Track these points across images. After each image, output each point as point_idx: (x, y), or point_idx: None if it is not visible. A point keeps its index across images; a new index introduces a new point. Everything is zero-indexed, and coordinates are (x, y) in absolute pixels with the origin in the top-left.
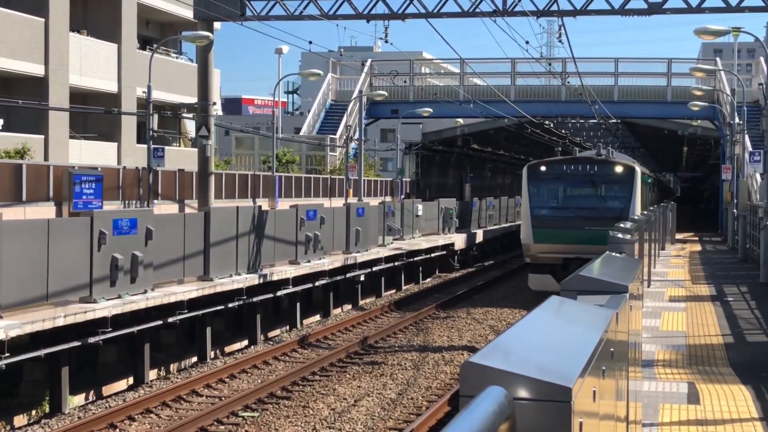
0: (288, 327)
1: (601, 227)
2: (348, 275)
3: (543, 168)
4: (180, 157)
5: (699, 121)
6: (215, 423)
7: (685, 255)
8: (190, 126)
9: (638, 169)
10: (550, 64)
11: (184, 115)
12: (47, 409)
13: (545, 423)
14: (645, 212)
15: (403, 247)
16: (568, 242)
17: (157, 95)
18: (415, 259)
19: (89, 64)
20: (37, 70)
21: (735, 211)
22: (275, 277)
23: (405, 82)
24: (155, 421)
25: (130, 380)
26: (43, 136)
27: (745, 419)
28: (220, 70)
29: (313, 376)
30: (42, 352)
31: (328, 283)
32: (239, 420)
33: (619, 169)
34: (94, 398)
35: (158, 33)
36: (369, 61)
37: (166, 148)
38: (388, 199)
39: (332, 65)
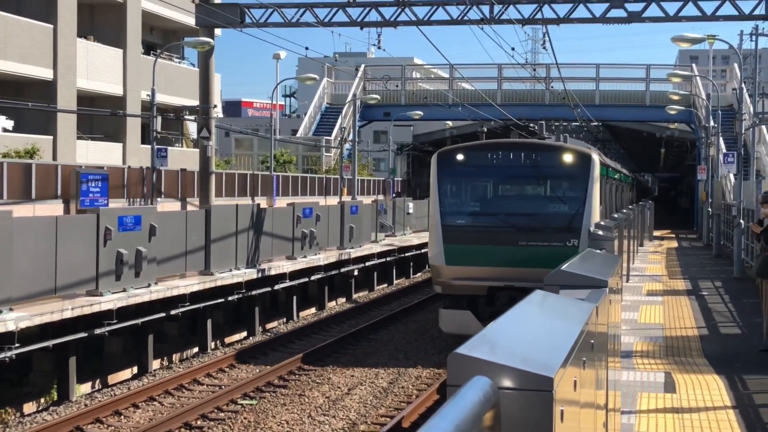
0: (285, 319)
1: (542, 243)
2: (342, 270)
3: (459, 156)
4: (182, 157)
5: (676, 124)
6: (215, 410)
7: (662, 251)
8: (191, 127)
9: (596, 158)
10: (534, 70)
11: (186, 117)
12: (55, 397)
13: (528, 411)
14: (609, 218)
15: (395, 243)
16: (495, 264)
17: (161, 98)
18: (406, 254)
19: (96, 68)
20: (46, 74)
21: (710, 209)
22: (273, 272)
23: (397, 86)
24: (158, 408)
25: (135, 370)
26: (51, 137)
27: (719, 407)
28: (220, 74)
29: (309, 366)
30: (50, 343)
31: (324, 278)
32: (238, 407)
33: (568, 158)
34: (100, 387)
35: (161, 39)
36: (363, 66)
37: (169, 148)
38: (381, 197)
39: (327, 70)
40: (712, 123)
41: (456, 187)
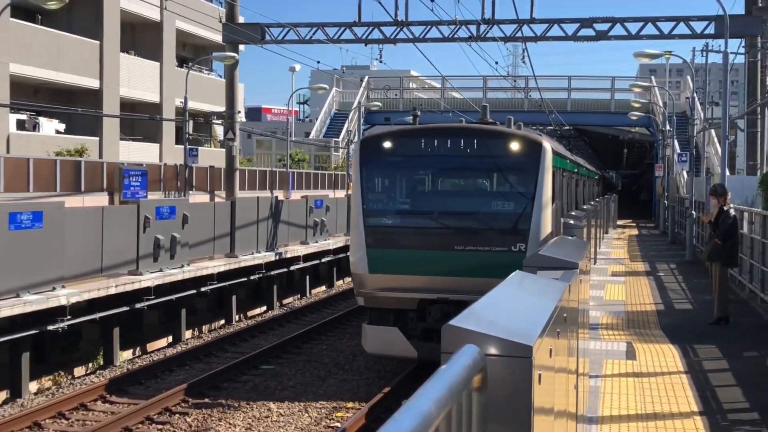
0: (299, 296)
1: (483, 247)
2: (349, 253)
3: (387, 144)
4: (210, 156)
5: (637, 128)
6: (240, 374)
7: (624, 238)
8: (219, 130)
9: (548, 146)
10: (515, 81)
11: (214, 121)
12: (101, 362)
13: (511, 375)
14: (567, 216)
15: None
16: (427, 272)
17: (192, 105)
18: None
19: (136, 78)
20: (93, 83)
21: (666, 202)
22: (289, 255)
23: (396, 95)
24: (190, 372)
25: (170, 339)
26: (98, 138)
27: (673, 372)
28: (243, 84)
29: (320, 336)
30: (97, 316)
31: (333, 260)
32: (260, 372)
33: (515, 146)
34: (140, 353)
35: (193, 53)
36: (366, 77)
37: (199, 148)
38: None
39: (336, 81)
40: (668, 127)
41: (382, 180)
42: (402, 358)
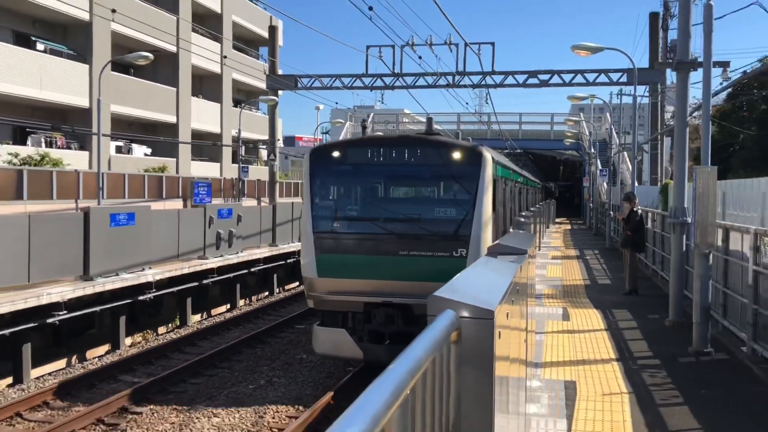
0: None
1: (425, 253)
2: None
3: (335, 153)
4: (257, 172)
5: (569, 151)
6: (279, 331)
7: (561, 232)
8: (263, 153)
9: (488, 156)
10: (480, 117)
11: (260, 146)
12: (178, 323)
13: (478, 332)
14: (514, 222)
15: None
16: (373, 277)
17: (244, 134)
18: None
19: (203, 115)
20: (171, 119)
21: (591, 205)
22: None
23: (393, 128)
24: (243, 329)
25: (228, 306)
26: (175, 159)
27: (597, 329)
28: (281, 119)
29: None
30: (175, 289)
31: None
32: (294, 329)
33: (456, 155)
34: (206, 316)
35: (244, 97)
36: (372, 114)
37: (249, 166)
38: None
39: (349, 116)
40: (592, 150)
41: (331, 188)
42: (349, 359)
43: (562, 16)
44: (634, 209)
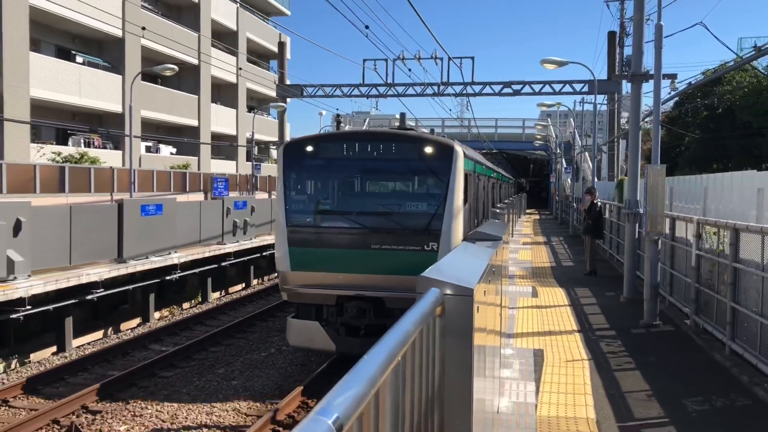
0: None
1: (397, 247)
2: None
3: (308, 148)
4: (268, 169)
5: (539, 151)
6: (289, 307)
7: (531, 221)
8: (273, 152)
9: (459, 150)
10: (462, 121)
11: (271, 147)
12: (200, 300)
13: (459, 307)
14: (489, 215)
15: None
16: (345, 270)
17: (257, 136)
18: None
19: (221, 119)
20: (193, 123)
21: (557, 198)
22: None
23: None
24: (257, 305)
25: (243, 285)
26: (197, 157)
27: (561, 305)
28: (289, 123)
29: None
30: (197, 270)
31: None
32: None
33: (427, 149)
34: (224, 294)
35: (257, 104)
36: (367, 119)
37: (262, 164)
38: None
39: (348, 121)
40: (558, 151)
41: (304, 182)
42: (322, 351)
43: (533, 33)
44: (595, 201)
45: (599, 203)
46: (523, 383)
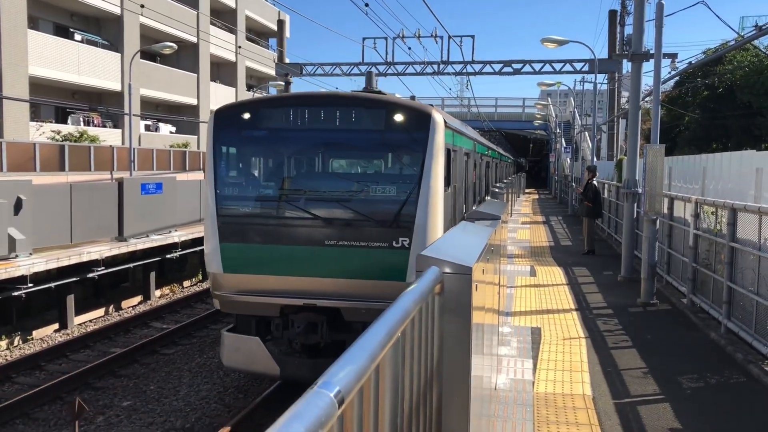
0: None
1: (358, 242)
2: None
3: (246, 115)
4: None
5: (538, 131)
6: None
7: (530, 201)
8: None
9: (439, 119)
10: (462, 100)
11: None
12: (201, 278)
13: (458, 285)
14: (495, 187)
15: None
16: (291, 273)
17: None
18: None
19: (220, 98)
20: (192, 101)
21: (556, 177)
22: None
23: None
24: None
25: None
26: (196, 136)
27: (559, 284)
28: None
29: None
30: (197, 249)
31: None
32: None
33: (398, 116)
34: None
35: (256, 82)
36: None
37: None
38: None
39: None
40: (558, 130)
41: (240, 159)
42: (263, 375)
43: (534, 11)
44: (590, 181)
45: (596, 183)
46: (521, 361)
